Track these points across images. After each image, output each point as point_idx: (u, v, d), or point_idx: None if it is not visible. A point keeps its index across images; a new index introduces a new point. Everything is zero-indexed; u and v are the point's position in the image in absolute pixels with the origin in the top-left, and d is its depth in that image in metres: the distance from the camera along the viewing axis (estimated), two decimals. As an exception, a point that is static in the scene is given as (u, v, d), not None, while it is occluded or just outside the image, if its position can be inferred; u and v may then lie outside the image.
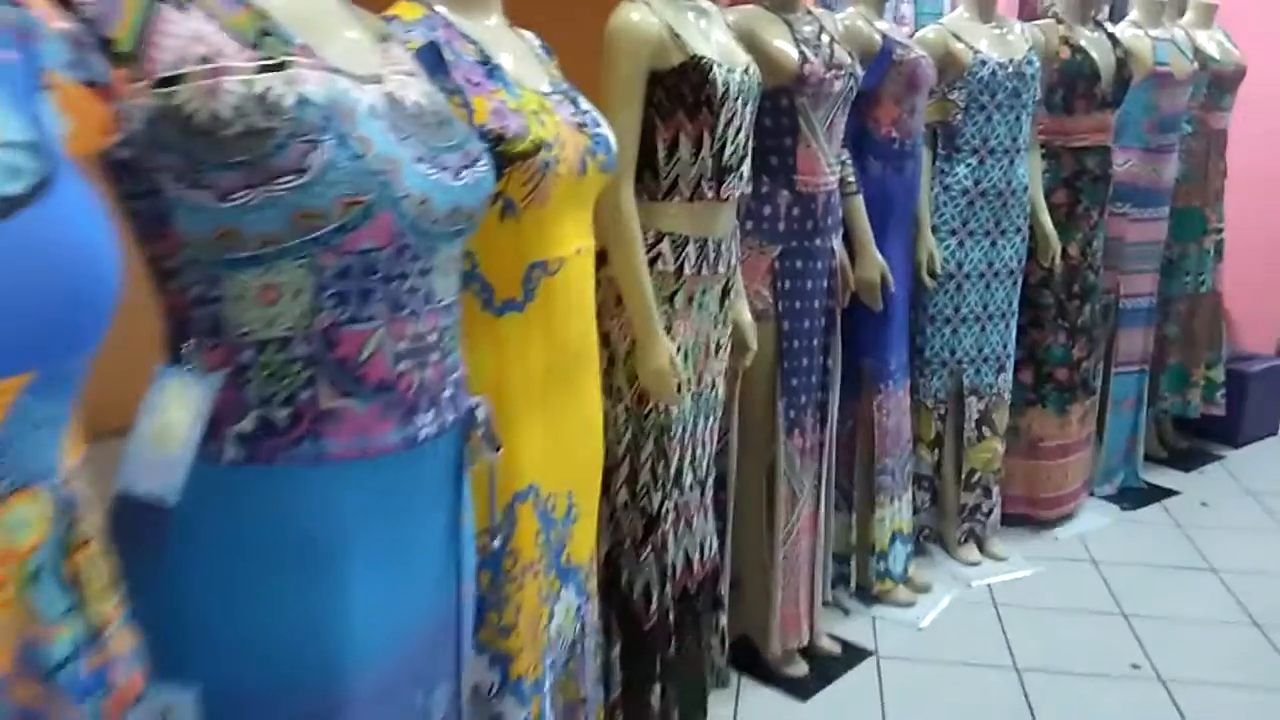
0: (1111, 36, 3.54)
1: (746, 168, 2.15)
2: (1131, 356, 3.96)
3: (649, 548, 2.17)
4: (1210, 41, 4.09)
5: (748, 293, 2.48)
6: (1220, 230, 4.29)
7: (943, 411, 3.35)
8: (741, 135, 2.10)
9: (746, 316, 2.36)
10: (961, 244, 3.23)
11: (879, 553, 3.10)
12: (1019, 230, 3.31)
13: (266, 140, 0.93)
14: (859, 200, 2.81)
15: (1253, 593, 3.24)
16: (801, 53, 2.43)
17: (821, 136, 2.50)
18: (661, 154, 2.04)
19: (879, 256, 2.84)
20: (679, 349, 2.10)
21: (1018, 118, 3.19)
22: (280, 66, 0.97)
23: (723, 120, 2.03)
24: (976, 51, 3.14)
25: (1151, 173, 3.80)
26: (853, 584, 3.14)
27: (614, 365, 2.10)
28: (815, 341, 2.65)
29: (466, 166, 1.13)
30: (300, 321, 0.99)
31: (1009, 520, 3.61)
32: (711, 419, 2.27)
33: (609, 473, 2.14)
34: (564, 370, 1.60)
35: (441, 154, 1.10)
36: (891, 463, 3.07)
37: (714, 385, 2.25)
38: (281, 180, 0.94)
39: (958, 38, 3.15)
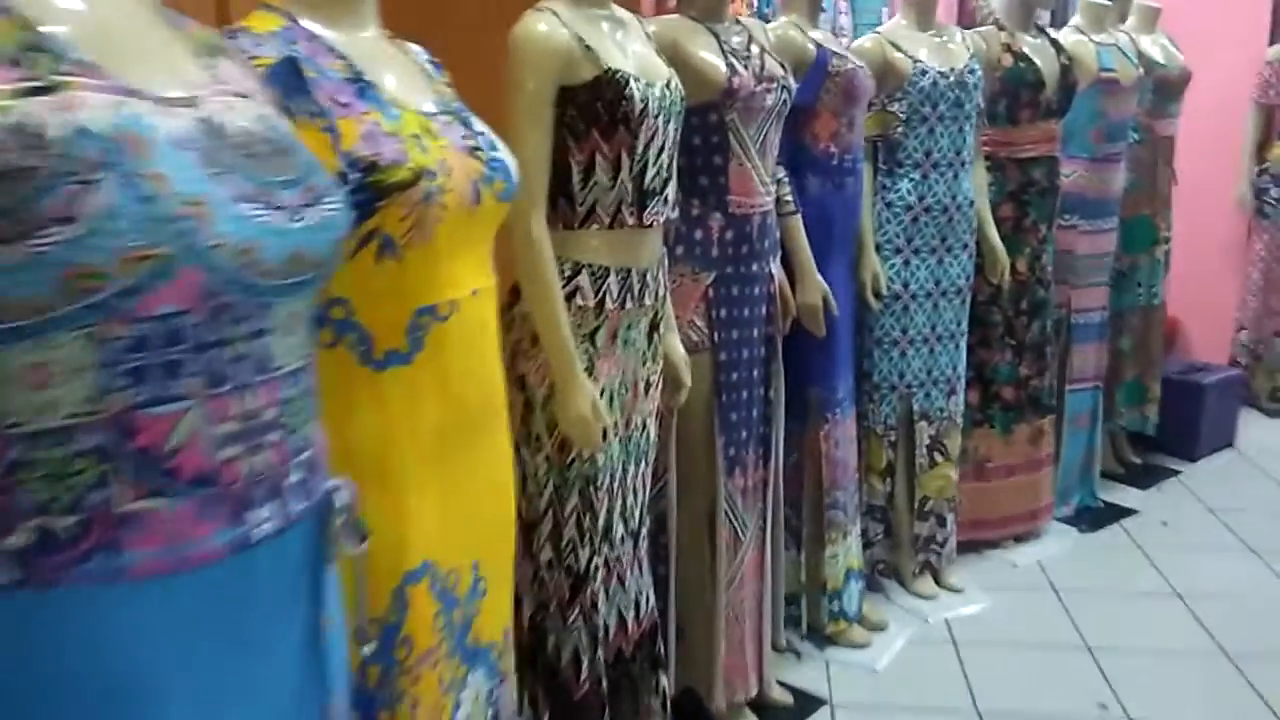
0: (1055, 43, 3.42)
1: (672, 191, 1.97)
2: (1085, 373, 3.83)
3: (577, 609, 1.98)
4: (1154, 46, 3.99)
5: (680, 324, 2.30)
6: (1169, 240, 4.19)
7: (893, 438, 3.18)
8: (665, 156, 1.92)
9: (679, 351, 2.18)
10: (907, 263, 3.08)
11: (832, 592, 2.92)
12: (966, 246, 3.16)
13: (25, 182, 0.74)
14: (797, 220, 2.64)
15: (1221, 619, 3.11)
16: (729, 65, 2.26)
17: (754, 154, 2.33)
18: (576, 178, 1.85)
19: (821, 279, 2.67)
20: (603, 391, 1.92)
21: (961, 129, 3.04)
22: (48, 89, 0.77)
23: (642, 139, 1.85)
24: (916, 61, 2.99)
25: (1099, 183, 3.69)
26: (804, 626, 2.95)
27: (531, 411, 1.90)
28: (755, 373, 2.47)
29: (309, 205, 0.93)
30: (85, 407, 0.79)
31: (963, 548, 3.45)
32: (643, 464, 2.08)
33: (530, 529, 1.96)
34: (463, 428, 1.41)
35: (275, 190, 0.90)
36: (842, 496, 2.90)
37: (644, 427, 2.06)
38: (46, 233, 0.74)
39: (896, 47, 3.00)
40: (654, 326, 2.04)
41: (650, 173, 1.88)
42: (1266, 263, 4.99)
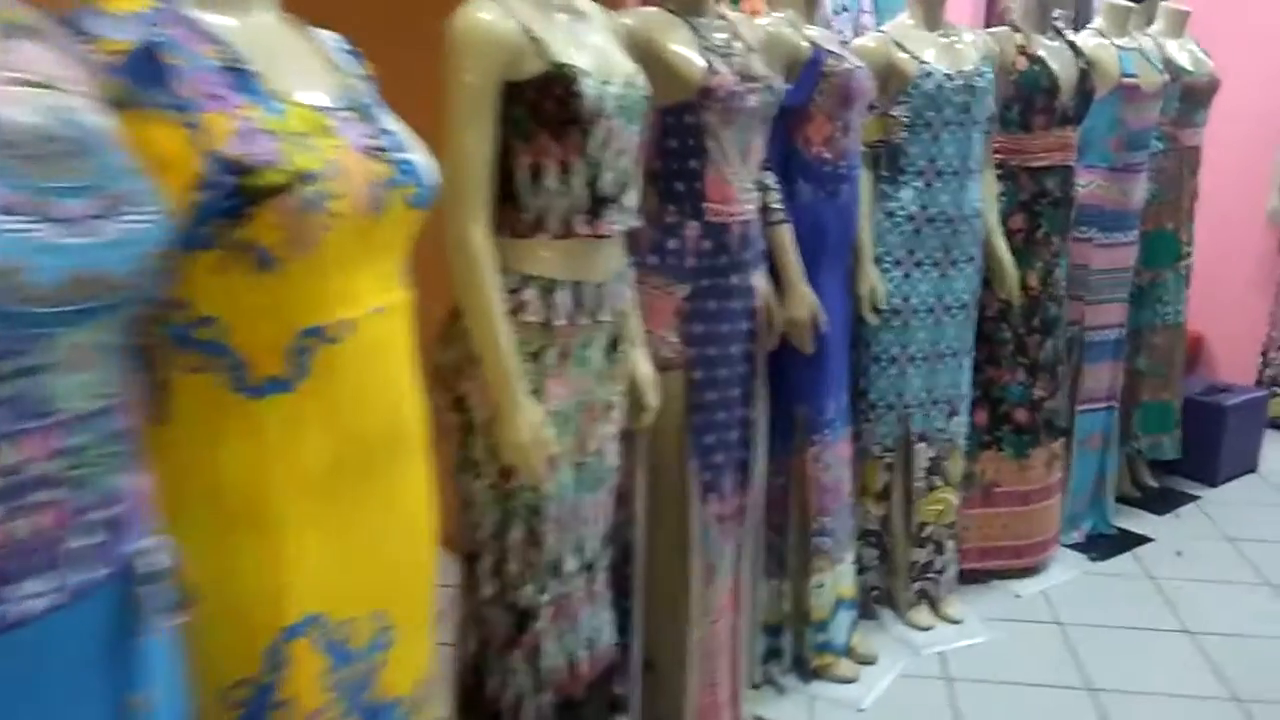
0: (1073, 46, 3.23)
1: (632, 198, 1.81)
2: (1097, 393, 3.64)
3: (520, 650, 1.82)
4: (1181, 52, 3.79)
5: (652, 339, 2.15)
6: (1190, 254, 3.98)
7: (890, 460, 3.01)
8: (624, 160, 1.76)
9: (644, 369, 2.01)
10: (908, 276, 2.90)
11: (817, 623, 2.75)
12: (971, 260, 2.98)
13: None
14: (786, 230, 2.47)
15: (1232, 660, 2.91)
16: (708, 62, 2.09)
17: (734, 158, 2.16)
18: (524, 182, 1.70)
19: (809, 293, 2.50)
20: (552, 414, 1.76)
21: (968, 136, 2.86)
22: None
23: (596, 141, 1.69)
24: (922, 62, 2.82)
25: (1119, 194, 3.49)
26: (787, 659, 2.78)
27: (472, 435, 1.75)
28: (734, 392, 2.31)
29: (100, 216, 0.78)
30: None
31: (967, 577, 3.28)
32: (601, 491, 1.92)
33: (472, 562, 1.81)
34: (362, 462, 1.26)
35: (54, 199, 0.75)
36: (831, 522, 2.73)
37: (603, 452, 1.90)
38: None
39: (901, 47, 2.83)
40: (614, 343, 1.88)
41: (606, 178, 1.72)
42: (1298, 280, 4.76)
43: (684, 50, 2.09)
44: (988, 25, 3.70)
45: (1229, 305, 4.79)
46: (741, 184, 2.19)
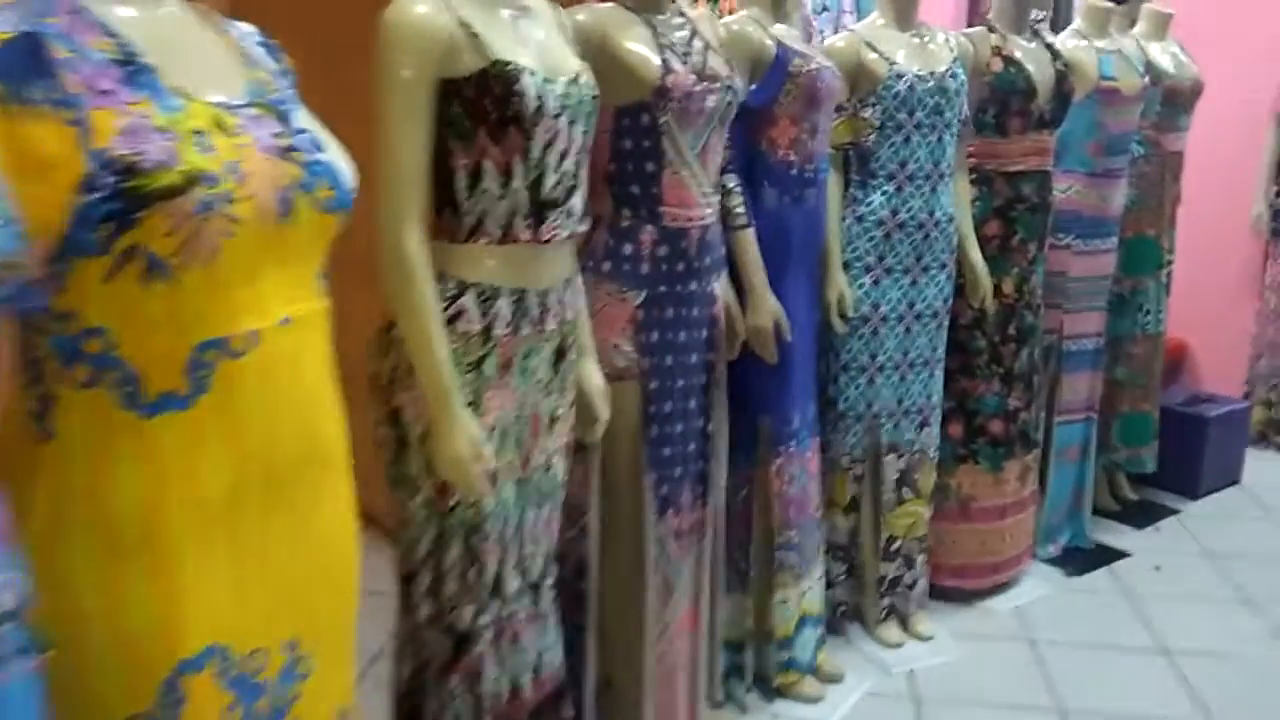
0: (1050, 47, 3.16)
1: (579, 202, 1.73)
2: (1075, 404, 3.57)
3: (459, 675, 1.74)
4: (1164, 54, 3.73)
5: (605, 347, 2.07)
6: (1171, 262, 3.92)
7: (859, 472, 2.93)
8: (569, 162, 1.68)
9: (595, 380, 1.93)
10: (877, 282, 2.83)
11: (781, 640, 2.67)
12: (944, 266, 2.91)
13: None
14: (749, 235, 2.39)
15: (1211, 683, 2.84)
16: (664, 60, 2.02)
17: (692, 161, 2.08)
18: (462, 185, 1.62)
19: (773, 300, 2.43)
20: (492, 428, 1.68)
21: (940, 139, 2.79)
22: None
23: (539, 142, 1.61)
24: (893, 63, 2.74)
25: (1097, 200, 3.42)
26: (749, 676, 2.70)
27: (406, 449, 1.67)
28: (692, 403, 2.23)
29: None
30: None
31: (939, 593, 3.20)
32: (547, 507, 1.84)
33: (408, 582, 1.73)
34: (271, 484, 1.17)
35: None
36: (796, 535, 2.65)
37: (549, 466, 1.82)
38: None
39: (871, 47, 2.75)
40: (562, 353, 1.80)
41: (550, 181, 1.65)
42: (1283, 288, 4.70)
43: (639, 48, 2.01)
44: (970, 26, 3.63)
45: (1213, 313, 4.72)
46: (700, 187, 2.12)
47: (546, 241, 1.67)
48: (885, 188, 2.78)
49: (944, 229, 2.87)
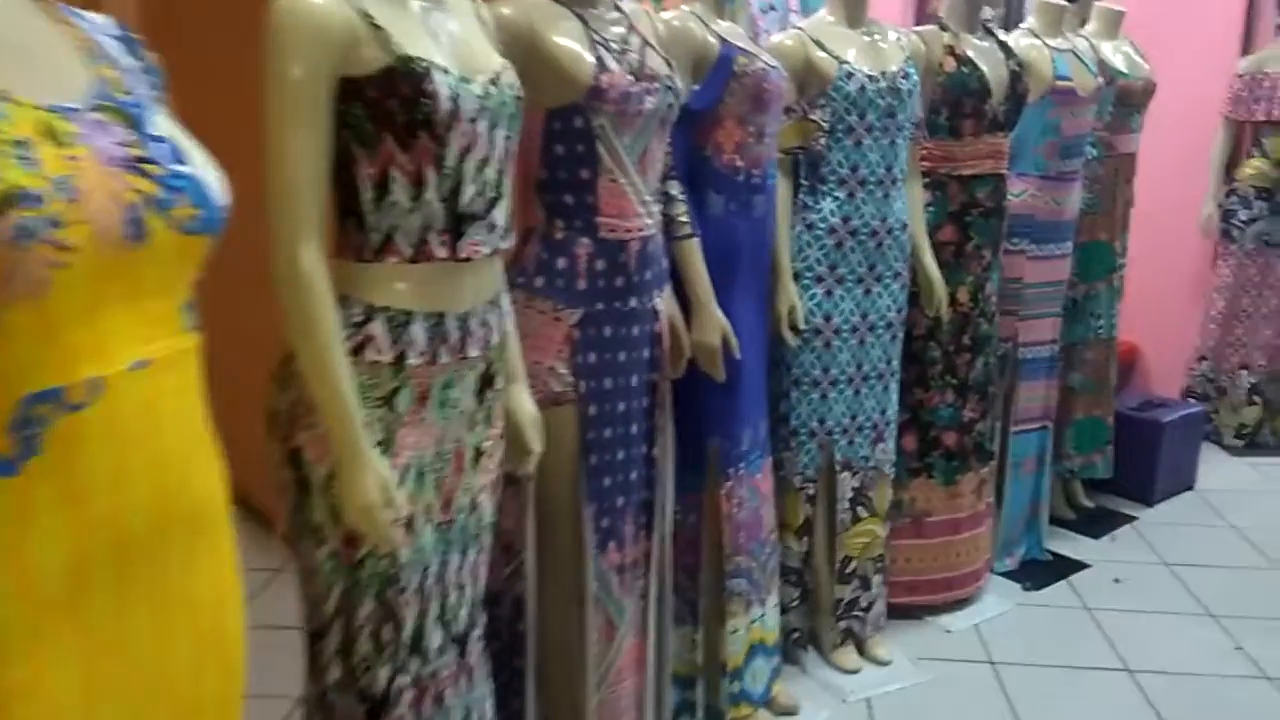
0: (1004, 46, 3.04)
1: (502, 215, 1.56)
2: (1032, 412, 3.47)
3: (374, 742, 1.56)
4: (1116, 54, 3.63)
5: (538, 371, 1.91)
6: (1124, 266, 3.83)
7: (812, 491, 2.79)
8: (490, 170, 1.51)
9: (526, 408, 1.76)
10: (830, 293, 2.69)
11: (732, 671, 2.52)
12: (898, 275, 2.77)
13: None
14: (694, 245, 2.23)
15: (1176, 703, 2.74)
16: (598, 58, 1.85)
17: (630, 167, 1.92)
18: (368, 197, 1.44)
19: (720, 315, 2.27)
20: (407, 468, 1.50)
21: (893, 142, 2.65)
22: None
23: (454, 149, 1.44)
24: (843, 62, 2.60)
25: (1052, 204, 3.31)
26: (700, 713, 2.55)
27: (309, 495, 1.48)
28: (634, 428, 2.07)
29: None
30: None
31: (895, 612, 3.07)
32: (473, 551, 1.67)
33: (315, 641, 1.55)
34: (127, 554, 1.00)
35: None
36: (747, 562, 2.50)
37: (474, 507, 1.64)
38: None
39: (820, 45, 2.61)
40: (487, 381, 1.62)
41: (468, 191, 1.47)
42: (1232, 290, 4.63)
43: (570, 44, 1.85)
44: (918, 24, 3.50)
45: (1164, 317, 4.65)
46: (639, 196, 1.95)
47: (466, 259, 1.49)
48: (836, 194, 2.64)
49: (897, 236, 2.74)
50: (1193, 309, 4.79)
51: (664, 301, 2.13)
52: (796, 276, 2.67)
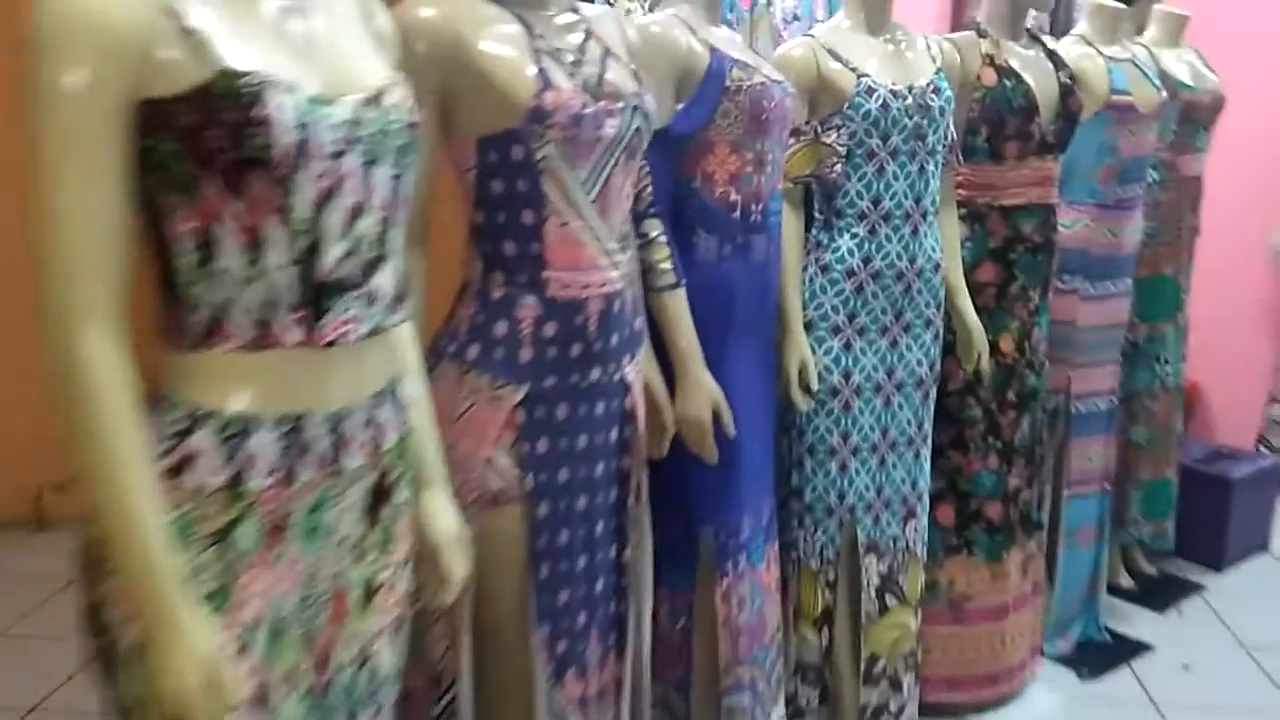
0: (1053, 55, 2.64)
1: (388, 280, 1.16)
2: (1089, 474, 3.03)
3: None
4: (1179, 63, 3.21)
5: (473, 464, 1.53)
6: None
7: (831, 577, 2.39)
8: (367, 222, 1.11)
9: (442, 522, 1.36)
10: (848, 346, 2.31)
11: (733, 802, 2.11)
12: (929, 324, 2.40)
13: None
14: (679, 297, 1.86)
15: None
16: (542, 70, 1.46)
17: (586, 207, 1.53)
18: (186, 261, 1.05)
19: (710, 382, 1.89)
20: (255, 625, 1.10)
21: (922, 168, 2.27)
22: None
23: (305, 194, 1.04)
24: (861, 75, 2.21)
25: (1108, 235, 2.91)
26: None
27: (115, 669, 1.09)
28: (599, 527, 1.68)
29: None
30: None
31: (927, 709, 2.65)
32: (365, 716, 1.27)
33: None
34: None
35: None
36: (749, 673, 2.10)
37: (365, 659, 1.25)
38: None
39: (835, 56, 2.22)
40: (380, 496, 1.23)
41: (331, 252, 1.08)
42: (1307, 324, 4.18)
43: (506, 54, 1.46)
44: (955, 30, 3.11)
45: (1229, 353, 4.20)
46: (599, 243, 1.56)
47: (332, 344, 1.10)
48: (855, 230, 2.27)
49: (928, 278, 2.36)
50: (1262, 345, 4.33)
51: (639, 369, 1.73)
52: (809, 327, 2.29)
